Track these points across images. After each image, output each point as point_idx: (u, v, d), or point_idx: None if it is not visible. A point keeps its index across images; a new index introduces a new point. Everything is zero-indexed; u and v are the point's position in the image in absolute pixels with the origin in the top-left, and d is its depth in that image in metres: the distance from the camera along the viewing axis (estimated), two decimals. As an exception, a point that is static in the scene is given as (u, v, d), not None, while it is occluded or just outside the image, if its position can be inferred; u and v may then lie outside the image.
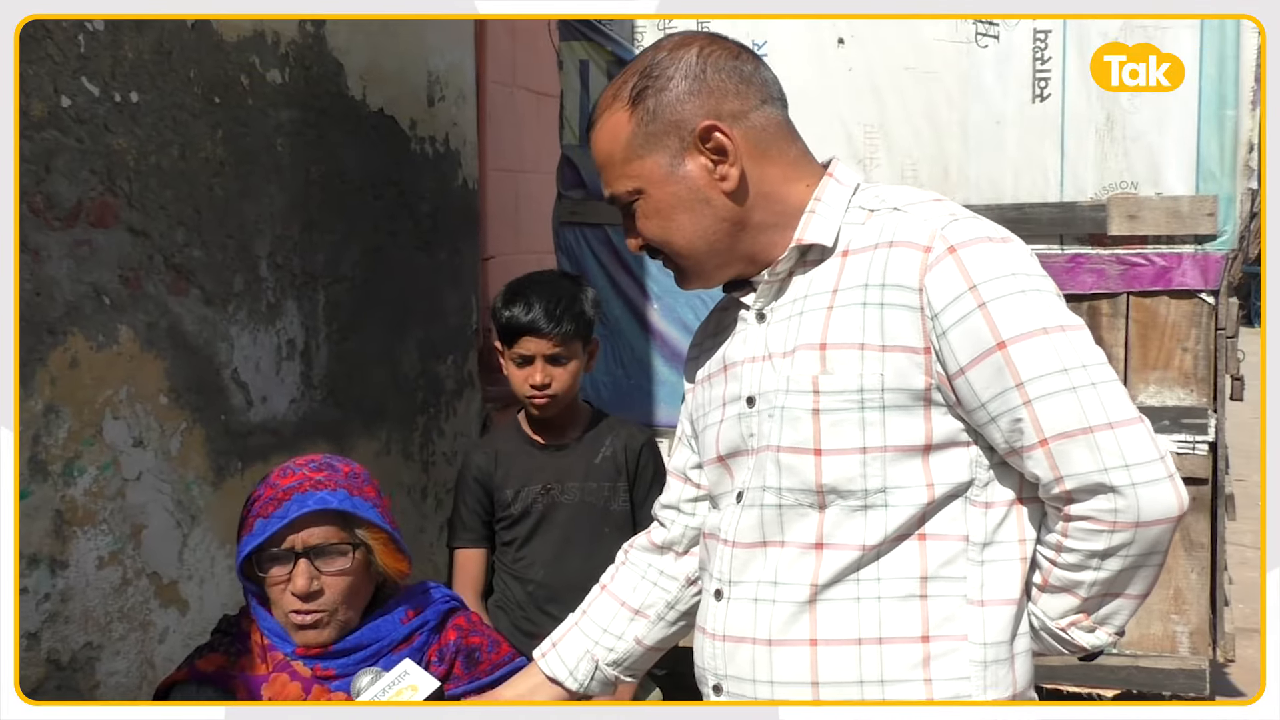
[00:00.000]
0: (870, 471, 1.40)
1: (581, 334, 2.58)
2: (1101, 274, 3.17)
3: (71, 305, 2.59)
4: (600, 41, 3.45)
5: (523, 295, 2.57)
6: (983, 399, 1.37)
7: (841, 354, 1.41)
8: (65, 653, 2.59)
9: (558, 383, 2.56)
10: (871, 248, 1.43)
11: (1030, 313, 1.35)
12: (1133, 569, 1.38)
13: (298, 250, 3.40)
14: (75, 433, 2.60)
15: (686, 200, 1.48)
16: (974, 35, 3.21)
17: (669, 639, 1.80)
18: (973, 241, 1.38)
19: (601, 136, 1.53)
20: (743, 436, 1.52)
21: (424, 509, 4.12)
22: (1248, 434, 5.36)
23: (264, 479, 1.92)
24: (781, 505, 1.46)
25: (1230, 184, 3.09)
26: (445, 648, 1.95)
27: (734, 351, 1.56)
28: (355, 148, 3.69)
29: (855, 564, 1.42)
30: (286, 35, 3.32)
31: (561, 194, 3.63)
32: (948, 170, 3.27)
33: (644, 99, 1.48)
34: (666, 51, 1.51)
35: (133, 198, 2.76)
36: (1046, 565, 1.43)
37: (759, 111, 1.50)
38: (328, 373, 3.56)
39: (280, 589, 1.86)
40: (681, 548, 1.77)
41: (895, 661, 1.40)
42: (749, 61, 1.52)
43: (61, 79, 2.54)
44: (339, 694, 1.85)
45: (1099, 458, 1.33)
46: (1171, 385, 3.18)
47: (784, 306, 1.50)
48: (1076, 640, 1.46)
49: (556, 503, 2.62)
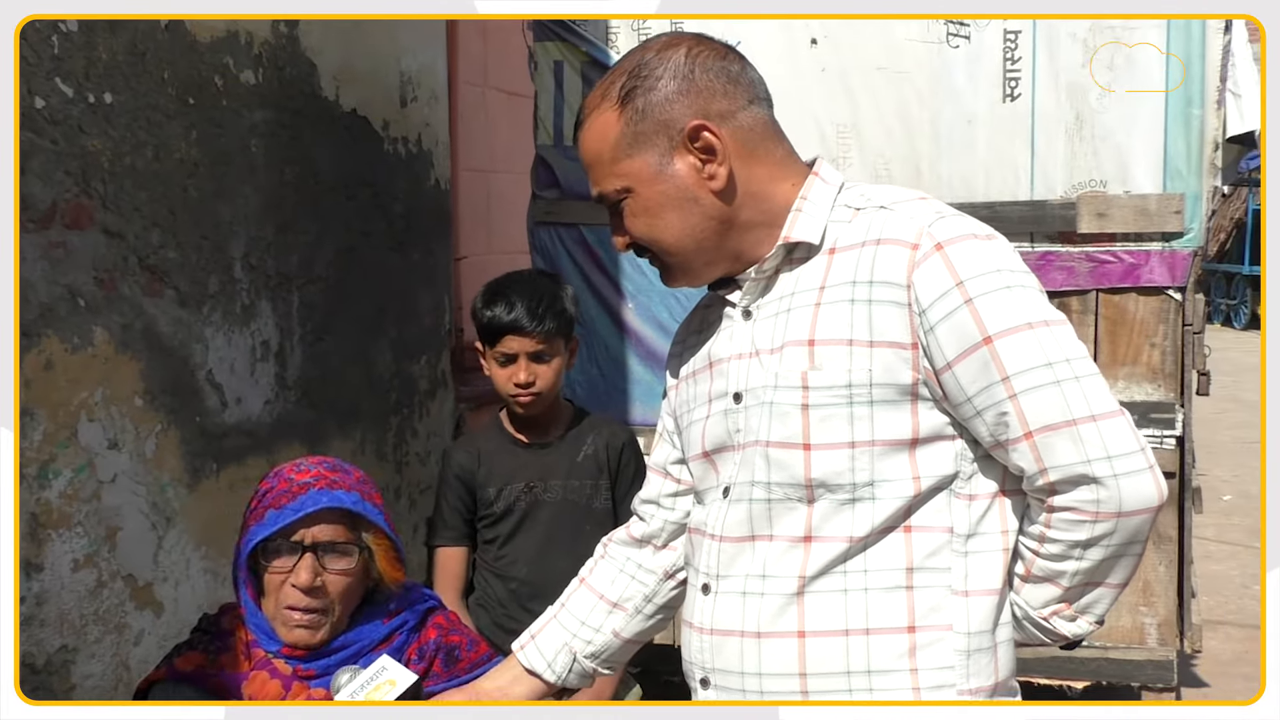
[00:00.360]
0: (858, 465, 1.42)
1: (563, 331, 2.60)
2: (1071, 271, 3.22)
3: (46, 307, 2.58)
4: (575, 42, 3.46)
5: (503, 295, 2.57)
6: (969, 393, 1.39)
7: (830, 350, 1.43)
8: (40, 655, 2.57)
9: (542, 380, 2.57)
10: (859, 245, 1.45)
11: (1015, 308, 1.39)
12: (1114, 558, 1.41)
13: (272, 251, 3.39)
14: (50, 435, 2.59)
15: (675, 199, 1.50)
16: (945, 35, 3.25)
17: (647, 632, 1.82)
18: (959, 238, 1.41)
19: (590, 136, 1.54)
20: (729, 432, 1.54)
21: (397, 509, 4.12)
22: (1208, 429, 5.40)
23: (274, 472, 1.93)
24: (770, 500, 1.47)
25: (1197, 182, 3.14)
26: (425, 646, 1.97)
27: (719, 348, 1.58)
28: (328, 148, 3.68)
29: (842, 556, 1.44)
30: (260, 36, 3.32)
31: (536, 194, 3.63)
32: (919, 169, 3.30)
33: (633, 98, 1.50)
34: (655, 52, 1.53)
35: (107, 199, 2.75)
36: (1029, 556, 1.45)
37: (746, 111, 1.51)
38: (302, 374, 3.56)
39: (281, 580, 1.86)
40: (660, 541, 1.78)
41: (882, 652, 1.43)
42: (736, 62, 1.54)
43: (35, 80, 2.53)
44: (318, 691, 1.86)
45: (1082, 449, 1.36)
46: (1140, 380, 3.23)
47: (770, 304, 1.52)
48: (1058, 629, 1.49)
49: (539, 501, 2.63)
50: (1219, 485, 6.99)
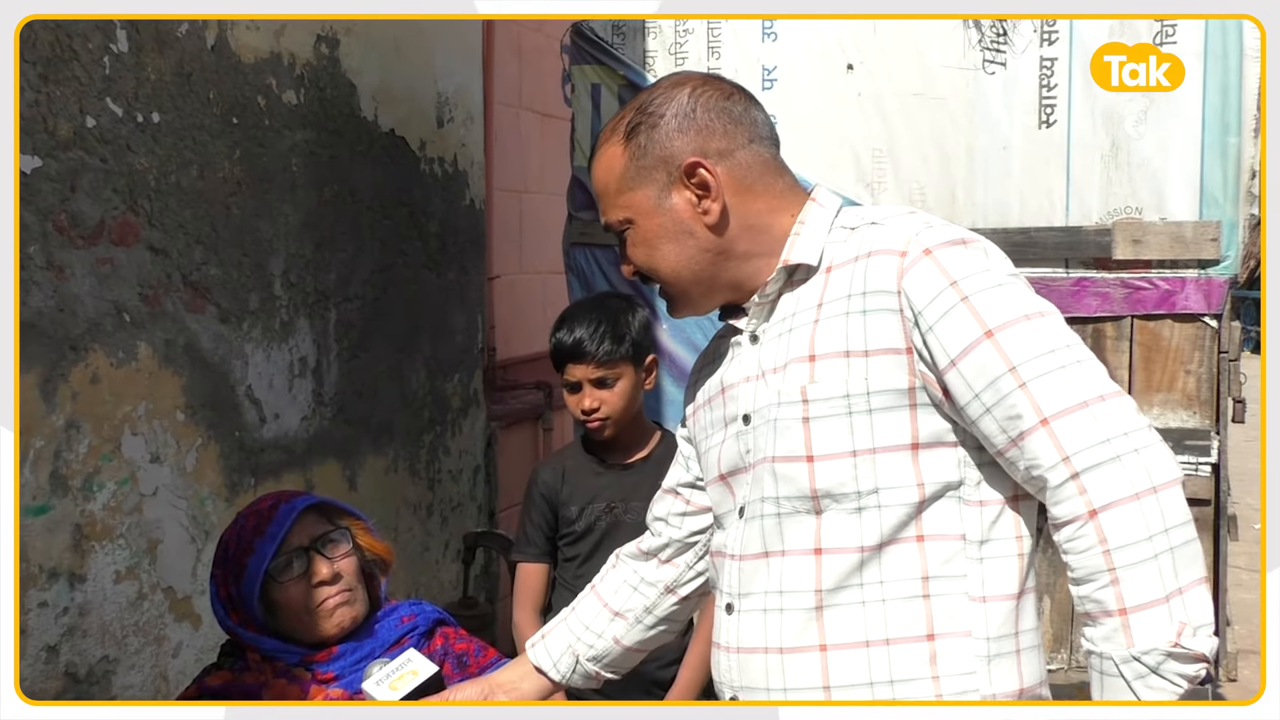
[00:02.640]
0: (861, 473, 1.45)
1: (629, 355, 2.58)
2: (1106, 297, 3.22)
3: (93, 322, 2.62)
4: (612, 65, 3.49)
5: (567, 321, 2.59)
6: (976, 389, 1.40)
7: (828, 363, 1.47)
8: (83, 666, 2.61)
9: (607, 406, 2.57)
10: (852, 260, 1.50)
11: (1010, 303, 1.42)
12: (1182, 544, 1.33)
13: (310, 269, 3.44)
14: (95, 448, 2.63)
15: (671, 231, 1.57)
16: (981, 62, 3.26)
17: (648, 641, 1.89)
18: (947, 244, 1.45)
19: (599, 167, 1.62)
20: (740, 454, 1.58)
21: (429, 526, 4.14)
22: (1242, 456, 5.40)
23: (231, 523, 2.04)
24: (780, 514, 1.51)
25: (1233, 210, 3.14)
26: (434, 652, 2.06)
27: (730, 374, 1.63)
28: (366, 168, 3.73)
29: (856, 567, 1.46)
30: (302, 57, 3.37)
31: (572, 215, 3.66)
32: (955, 195, 3.31)
33: (637, 134, 1.57)
34: (662, 91, 1.60)
35: (153, 216, 2.80)
36: (1107, 592, 1.34)
37: (745, 150, 1.58)
38: (338, 390, 3.59)
39: (302, 588, 1.96)
40: (665, 556, 1.86)
41: (903, 661, 1.44)
42: (740, 102, 1.60)
43: (87, 100, 2.58)
44: (335, 692, 1.95)
45: (1100, 429, 1.35)
46: (1175, 407, 3.23)
47: (775, 326, 1.58)
48: (1193, 648, 1.31)
49: (620, 521, 2.62)
50: (1251, 514, 6.92)
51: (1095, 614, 1.35)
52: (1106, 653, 1.34)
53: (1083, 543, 1.34)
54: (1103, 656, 1.34)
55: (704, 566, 1.82)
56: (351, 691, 1.95)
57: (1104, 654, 1.34)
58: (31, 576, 2.46)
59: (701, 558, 1.83)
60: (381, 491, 3.84)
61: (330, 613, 1.97)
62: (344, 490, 3.59)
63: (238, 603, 1.97)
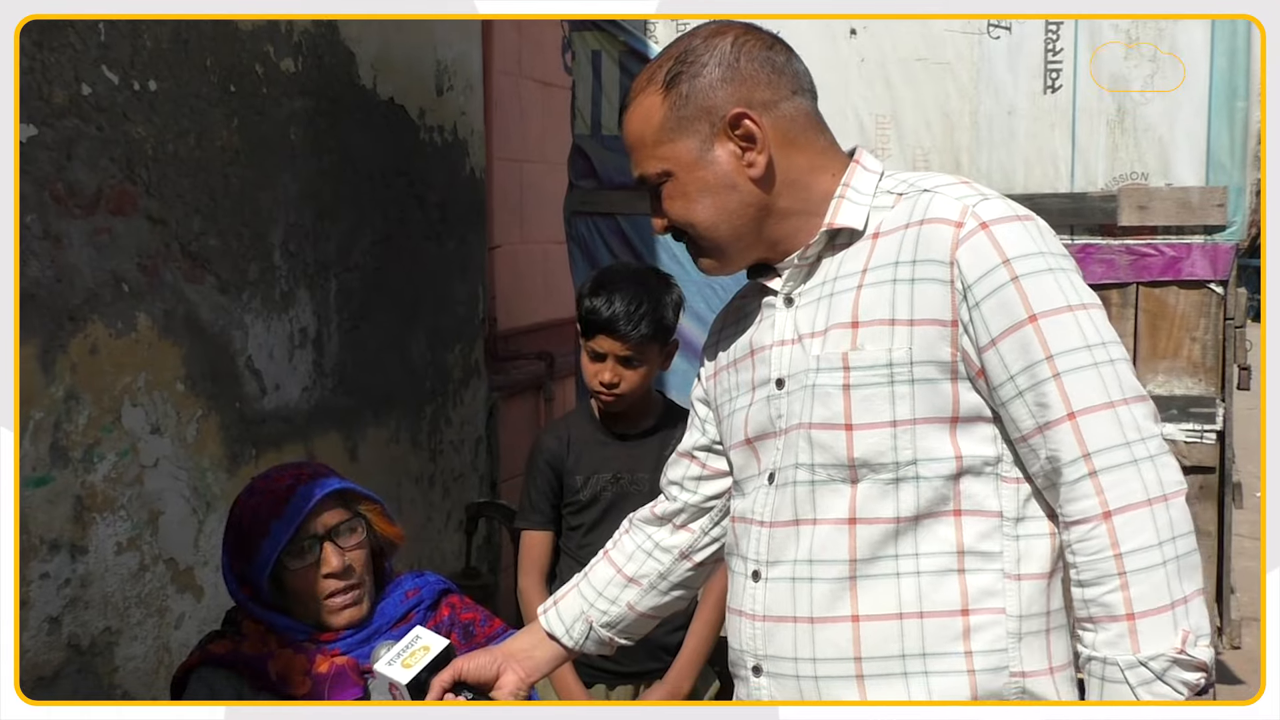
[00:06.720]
0: (901, 444, 1.43)
1: (659, 338, 2.55)
2: (1111, 264, 3.20)
3: (91, 292, 2.60)
4: (613, 32, 3.46)
5: (606, 289, 2.51)
6: (1011, 371, 1.39)
7: (872, 330, 1.44)
8: (85, 637, 2.60)
9: (626, 384, 2.53)
10: (902, 228, 1.46)
11: (1058, 290, 1.39)
12: (1186, 552, 1.35)
13: (310, 239, 3.41)
14: (95, 419, 2.61)
15: (713, 185, 1.52)
16: (986, 26, 3.23)
17: (662, 607, 1.85)
18: (1004, 219, 1.42)
19: (634, 118, 1.56)
20: (771, 418, 1.55)
21: (431, 497, 4.14)
22: (1247, 424, 5.39)
23: (246, 492, 2.02)
24: (814, 481, 1.48)
25: (1240, 175, 3.11)
26: (441, 624, 2.06)
27: (761, 336, 1.59)
28: (366, 137, 3.70)
29: (891, 538, 1.44)
30: (300, 25, 3.33)
31: (573, 183, 3.64)
32: (959, 160, 3.29)
33: (678, 83, 1.52)
34: (702, 39, 1.54)
35: (151, 186, 2.77)
36: (1115, 595, 1.35)
37: (789, 102, 1.53)
38: (338, 361, 3.58)
39: (311, 576, 1.95)
40: (680, 521, 1.81)
41: (936, 634, 1.43)
42: (781, 53, 1.55)
43: (83, 67, 2.55)
44: (343, 659, 1.95)
45: (1122, 431, 1.35)
46: (1180, 374, 3.21)
47: (813, 289, 1.53)
48: (1196, 656, 1.33)
49: (626, 492, 2.60)
50: (1253, 482, 6.92)
51: (1099, 618, 1.36)
52: (1111, 658, 1.35)
53: (1093, 545, 1.35)
54: (1105, 662, 1.35)
55: (719, 532, 1.79)
56: (359, 659, 1.95)
57: (1107, 659, 1.35)
58: (33, 548, 2.46)
59: (717, 523, 1.79)
60: (383, 462, 3.83)
61: (337, 610, 1.97)
62: (345, 461, 3.58)
63: (247, 578, 1.97)
